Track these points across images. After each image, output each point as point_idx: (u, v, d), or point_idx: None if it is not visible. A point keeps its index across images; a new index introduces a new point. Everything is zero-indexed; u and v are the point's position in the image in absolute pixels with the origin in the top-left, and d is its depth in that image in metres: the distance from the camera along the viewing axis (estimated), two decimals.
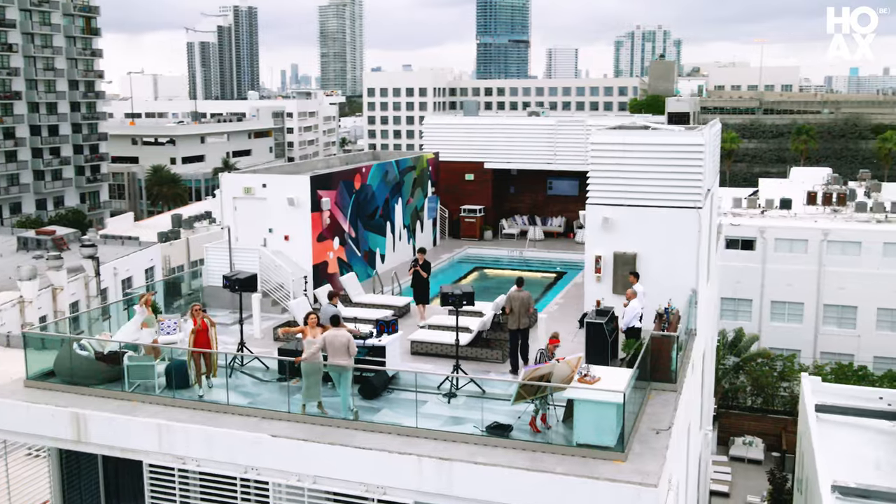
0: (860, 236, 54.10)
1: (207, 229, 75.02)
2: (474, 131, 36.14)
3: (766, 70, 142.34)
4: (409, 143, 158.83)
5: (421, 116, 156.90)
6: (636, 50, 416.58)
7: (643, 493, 13.81)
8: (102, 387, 18.20)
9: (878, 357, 53.73)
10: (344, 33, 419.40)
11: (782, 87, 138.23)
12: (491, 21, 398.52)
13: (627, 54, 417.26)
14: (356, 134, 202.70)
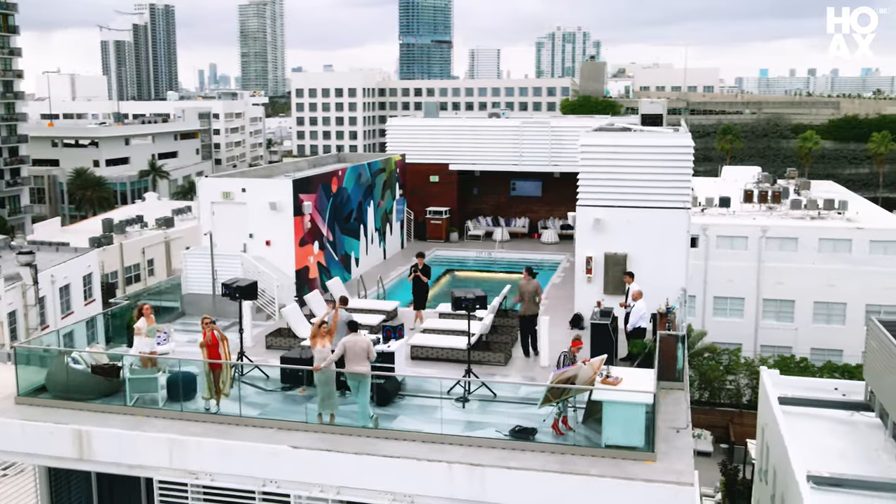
0: (797, 232, 55.97)
1: (140, 233, 73.05)
2: (439, 133, 36.06)
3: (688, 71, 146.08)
4: (339, 143, 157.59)
5: (351, 117, 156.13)
6: (557, 51, 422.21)
7: (680, 493, 14.01)
8: (100, 401, 17.52)
9: (815, 349, 55.63)
10: (265, 33, 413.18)
11: (704, 88, 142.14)
12: (413, 21, 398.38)
13: (548, 55, 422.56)
14: (282, 135, 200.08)
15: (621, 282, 22.72)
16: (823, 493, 24.41)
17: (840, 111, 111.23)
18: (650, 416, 14.86)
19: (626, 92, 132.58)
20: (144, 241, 71.52)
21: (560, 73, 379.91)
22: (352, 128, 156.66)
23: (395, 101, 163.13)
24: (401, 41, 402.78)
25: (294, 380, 18.38)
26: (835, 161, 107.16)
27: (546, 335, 19.94)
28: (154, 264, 73.21)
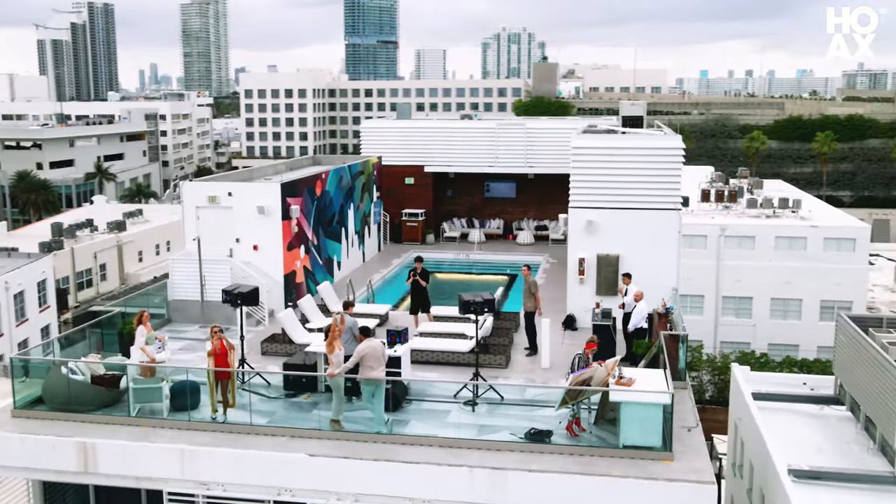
0: (754, 231, 57.19)
1: (91, 238, 71.51)
2: (414, 135, 35.96)
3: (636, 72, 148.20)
4: (289, 145, 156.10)
5: (301, 118, 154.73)
6: (503, 51, 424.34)
7: (702, 491, 14.23)
8: (100, 412, 17.09)
9: (773, 344, 56.91)
10: (208, 32, 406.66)
11: (652, 88, 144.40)
12: (359, 22, 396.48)
13: (494, 55, 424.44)
14: (229, 136, 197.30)
15: (614, 282, 22.99)
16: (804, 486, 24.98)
17: (785, 112, 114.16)
18: (668, 416, 15.05)
19: (577, 92, 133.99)
20: (96, 245, 70.05)
21: (506, 74, 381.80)
22: (302, 129, 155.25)
23: (345, 102, 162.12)
24: (346, 42, 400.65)
25: (297, 386, 18.18)
26: (780, 160, 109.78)
27: (548, 337, 20.04)
28: (107, 269, 71.76)
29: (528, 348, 21.15)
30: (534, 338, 20.99)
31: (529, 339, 21.08)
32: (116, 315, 20.86)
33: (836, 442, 24.91)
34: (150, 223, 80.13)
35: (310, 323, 22.06)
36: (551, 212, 36.95)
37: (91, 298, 66.43)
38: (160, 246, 78.68)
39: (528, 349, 21.11)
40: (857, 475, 20.44)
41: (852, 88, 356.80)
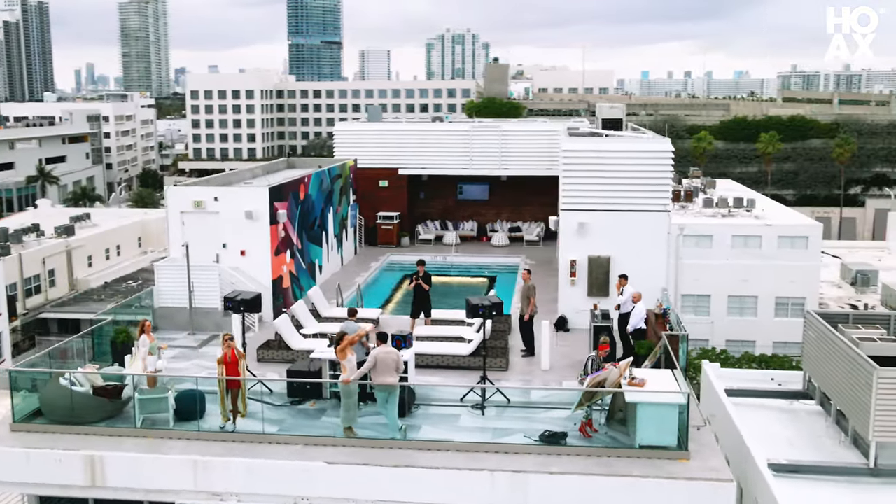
0: (712, 230, 58.31)
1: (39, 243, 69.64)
2: (388, 137, 35.87)
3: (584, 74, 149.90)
4: (237, 146, 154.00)
5: (249, 120, 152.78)
6: (447, 52, 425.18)
7: (720, 489, 14.52)
8: (103, 424, 16.71)
9: (730, 341, 58.10)
10: (147, 32, 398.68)
11: (599, 89, 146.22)
12: (302, 22, 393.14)
13: (438, 56, 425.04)
14: (172, 138, 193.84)
15: (605, 284, 23.28)
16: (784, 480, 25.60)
17: (730, 113, 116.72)
18: (683, 415, 15.31)
19: (527, 93, 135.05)
20: (44, 250, 68.24)
21: (451, 75, 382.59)
22: (250, 130, 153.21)
23: (293, 103, 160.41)
24: (290, 42, 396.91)
25: (302, 393, 18.01)
26: (726, 160, 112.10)
27: (547, 339, 20.20)
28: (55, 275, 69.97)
29: (524, 350, 21.29)
30: (531, 340, 21.14)
31: (526, 342, 21.21)
32: (108, 324, 20.38)
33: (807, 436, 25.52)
34: (99, 227, 78.41)
35: (304, 328, 21.85)
36: (525, 213, 37.27)
37: (40, 305, 64.70)
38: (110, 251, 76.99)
39: (525, 351, 21.26)
40: (833, 468, 20.99)
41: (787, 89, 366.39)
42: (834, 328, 23.58)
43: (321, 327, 22.07)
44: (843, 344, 21.04)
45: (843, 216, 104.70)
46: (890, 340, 24.16)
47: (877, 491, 19.41)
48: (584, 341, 21.56)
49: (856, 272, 67.93)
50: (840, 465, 20.43)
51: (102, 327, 20.24)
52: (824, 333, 22.88)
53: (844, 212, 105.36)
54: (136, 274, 61.07)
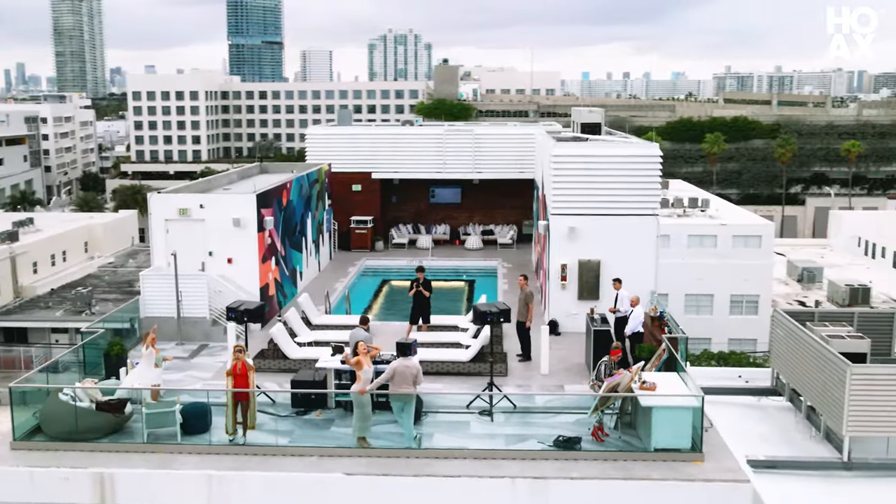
0: (669, 230, 59.31)
1: None
2: (361, 141, 35.69)
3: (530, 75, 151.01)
4: (181, 148, 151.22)
5: (193, 121, 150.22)
6: (389, 52, 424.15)
7: (737, 489, 14.86)
8: (107, 440, 16.31)
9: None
10: (81, 30, 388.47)
11: (546, 91, 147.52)
12: (242, 21, 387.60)
13: (381, 57, 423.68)
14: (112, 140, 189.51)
15: (595, 287, 23.54)
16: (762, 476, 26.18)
17: (676, 114, 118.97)
18: (697, 418, 15.59)
19: (475, 95, 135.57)
20: None
21: (393, 76, 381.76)
22: (194, 132, 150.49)
23: (238, 105, 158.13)
24: (230, 42, 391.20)
25: (306, 403, 17.82)
26: (673, 160, 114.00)
27: (546, 344, 20.34)
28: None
29: (520, 355, 21.39)
30: (528, 345, 21.25)
31: (523, 347, 21.33)
32: (101, 336, 19.87)
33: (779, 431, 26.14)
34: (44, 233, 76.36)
35: (298, 337, 21.62)
36: (497, 216, 37.45)
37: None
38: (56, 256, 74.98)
39: (521, 356, 21.36)
40: (808, 463, 21.55)
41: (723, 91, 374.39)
42: (802, 326, 24.26)
43: (315, 335, 21.87)
44: (814, 342, 21.63)
45: (785, 214, 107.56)
46: (857, 337, 24.94)
47: (850, 484, 19.93)
48: (579, 345, 21.76)
49: (802, 269, 69.75)
50: (815, 460, 20.93)
51: (95, 340, 19.70)
52: (793, 332, 23.44)
53: (786, 210, 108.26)
54: (84, 280, 59.52)
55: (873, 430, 19.24)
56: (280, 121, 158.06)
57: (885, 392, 18.87)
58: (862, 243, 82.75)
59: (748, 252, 58.99)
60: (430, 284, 23.16)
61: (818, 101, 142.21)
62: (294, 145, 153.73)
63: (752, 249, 59.22)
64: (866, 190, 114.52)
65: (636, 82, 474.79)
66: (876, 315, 27.32)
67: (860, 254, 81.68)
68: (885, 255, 77.54)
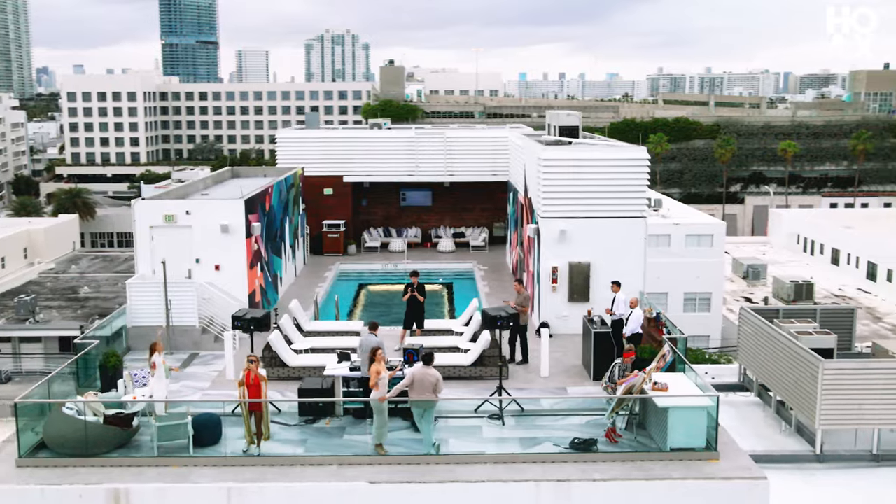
0: None
1: None
2: (332, 145, 35.42)
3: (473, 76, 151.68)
4: (119, 150, 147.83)
5: (132, 123, 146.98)
6: (327, 53, 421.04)
7: (755, 486, 15.19)
8: (116, 454, 15.92)
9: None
10: (7, 29, 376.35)
11: (490, 91, 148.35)
12: (176, 20, 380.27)
13: (318, 57, 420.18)
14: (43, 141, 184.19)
15: (585, 289, 23.83)
16: None
17: (619, 115, 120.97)
18: (713, 417, 15.92)
19: (419, 95, 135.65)
20: None
21: (331, 76, 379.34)
22: (133, 133, 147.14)
23: (178, 106, 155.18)
24: (163, 41, 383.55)
25: (314, 412, 17.65)
26: None
27: (547, 346, 20.51)
28: None
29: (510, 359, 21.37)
30: (525, 348, 21.37)
31: (522, 350, 21.45)
32: (96, 347, 19.35)
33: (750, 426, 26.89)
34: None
35: (294, 344, 21.38)
36: (467, 219, 37.57)
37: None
38: None
39: (517, 360, 21.46)
40: (783, 456, 22.24)
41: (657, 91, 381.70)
42: (770, 323, 24.95)
43: (310, 342, 21.67)
44: (785, 338, 22.28)
45: (725, 213, 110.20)
46: (824, 333, 25.75)
47: (823, 475, 20.62)
48: (573, 347, 21.98)
49: (747, 266, 71.60)
50: (788, 454, 21.58)
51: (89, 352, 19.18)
52: (762, 329, 24.09)
53: (726, 209, 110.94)
54: (26, 287, 57.79)
55: (844, 423, 19.96)
56: (221, 122, 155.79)
57: (855, 386, 19.60)
58: (801, 240, 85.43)
59: (700, 251, 60.35)
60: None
61: (754, 102, 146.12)
62: (236, 147, 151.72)
63: (704, 248, 60.61)
64: (801, 188, 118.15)
65: (572, 83, 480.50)
66: (837, 311, 28.28)
67: (799, 251, 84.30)
68: (824, 252, 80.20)
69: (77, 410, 16.06)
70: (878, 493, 19.88)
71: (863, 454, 20.45)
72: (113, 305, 43.15)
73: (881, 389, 19.59)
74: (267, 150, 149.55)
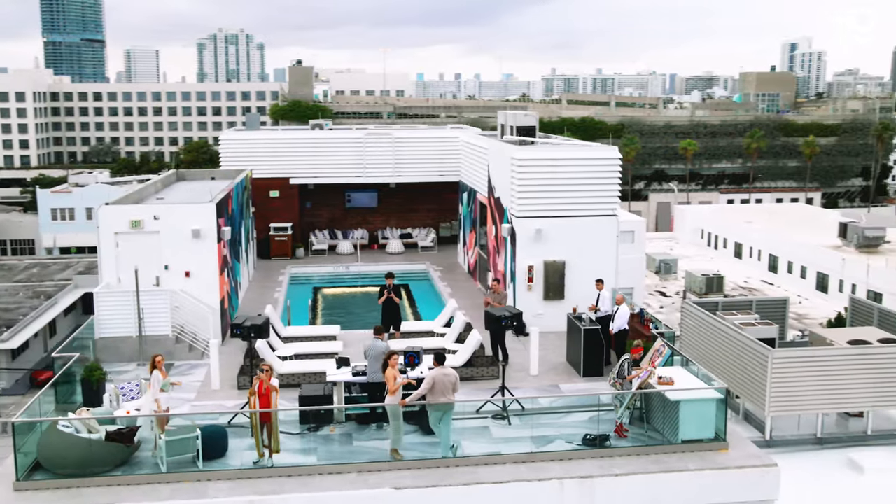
0: None
1: None
2: (279, 146, 34.66)
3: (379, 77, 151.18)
4: (7, 154, 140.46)
5: (21, 124, 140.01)
6: (220, 52, 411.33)
7: (767, 473, 15.72)
8: (119, 472, 15.19)
9: None
10: None
11: (396, 92, 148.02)
12: (59, 17, 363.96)
13: (211, 56, 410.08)
14: None
15: (560, 287, 24.11)
16: None
17: None
18: (721, 409, 16.37)
19: (325, 96, 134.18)
20: None
21: (225, 76, 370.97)
22: (22, 136, 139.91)
23: (70, 107, 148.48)
24: (45, 39, 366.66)
25: (316, 419, 17.26)
26: None
27: (537, 345, 20.65)
28: None
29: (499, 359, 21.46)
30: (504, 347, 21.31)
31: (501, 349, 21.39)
32: (76, 361, 18.37)
33: None
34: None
35: (277, 351, 20.84)
36: (413, 220, 37.44)
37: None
38: None
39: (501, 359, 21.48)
40: None
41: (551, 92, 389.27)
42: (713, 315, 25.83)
43: (292, 348, 21.19)
44: (731, 330, 23.15)
45: (631, 210, 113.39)
46: (766, 324, 26.85)
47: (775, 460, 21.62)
48: (553, 344, 22.16)
49: (659, 261, 73.96)
50: None
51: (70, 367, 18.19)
52: (706, 321, 24.92)
53: (631, 206, 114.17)
54: None
55: (792, 409, 20.88)
56: (118, 124, 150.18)
57: (802, 374, 20.55)
58: (705, 235, 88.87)
59: (624, 247, 61.84)
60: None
61: (652, 102, 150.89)
62: (134, 149, 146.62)
63: (626, 244, 62.13)
64: (701, 185, 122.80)
65: (468, 83, 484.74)
66: (771, 302, 29.51)
67: (703, 245, 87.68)
68: (727, 246, 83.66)
69: (76, 428, 15.23)
70: (824, 473, 20.67)
71: (808, 438, 21.40)
72: (17, 316, 41.15)
73: (825, 376, 20.58)
74: (167, 153, 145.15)
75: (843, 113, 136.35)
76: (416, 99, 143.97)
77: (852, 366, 20.65)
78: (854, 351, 21.71)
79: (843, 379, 20.53)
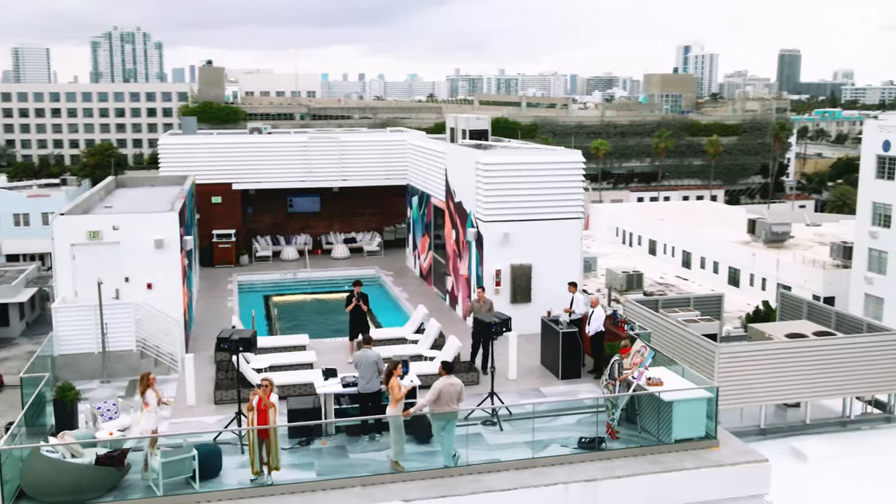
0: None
1: None
2: (221, 151, 33.73)
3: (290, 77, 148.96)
4: None
5: None
6: (116, 51, 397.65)
7: (759, 469, 16.20)
8: (110, 497, 14.51)
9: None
10: None
11: (307, 93, 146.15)
12: None
13: (106, 55, 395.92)
14: None
15: (527, 290, 24.25)
16: None
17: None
18: (712, 407, 16.77)
19: (235, 97, 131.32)
20: None
21: (122, 76, 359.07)
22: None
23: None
24: None
25: (306, 433, 16.89)
26: None
27: (514, 349, 20.71)
28: None
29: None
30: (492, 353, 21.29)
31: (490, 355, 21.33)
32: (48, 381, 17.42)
33: None
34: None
35: (251, 363, 20.27)
36: (357, 224, 37.05)
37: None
38: None
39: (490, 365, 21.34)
40: None
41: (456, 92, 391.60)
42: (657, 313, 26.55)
43: (266, 359, 20.67)
44: (676, 326, 23.86)
45: None
46: (707, 320, 27.77)
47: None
48: (526, 348, 22.25)
49: None
50: None
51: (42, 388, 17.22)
52: (650, 319, 25.57)
53: None
54: None
55: (737, 402, 21.71)
56: (12, 125, 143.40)
57: (746, 368, 21.44)
58: (619, 233, 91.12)
59: None
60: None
61: (562, 102, 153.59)
62: (31, 153, 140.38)
63: None
64: (612, 184, 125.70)
65: (373, 83, 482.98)
66: (707, 298, 30.55)
67: (619, 243, 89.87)
68: (641, 243, 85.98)
69: (62, 454, 14.46)
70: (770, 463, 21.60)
71: (752, 429, 22.27)
72: None
73: (767, 369, 21.48)
74: (67, 156, 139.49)
75: (742, 113, 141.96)
76: (329, 100, 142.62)
77: (791, 358, 21.61)
78: (793, 344, 22.71)
79: (783, 371, 21.46)
